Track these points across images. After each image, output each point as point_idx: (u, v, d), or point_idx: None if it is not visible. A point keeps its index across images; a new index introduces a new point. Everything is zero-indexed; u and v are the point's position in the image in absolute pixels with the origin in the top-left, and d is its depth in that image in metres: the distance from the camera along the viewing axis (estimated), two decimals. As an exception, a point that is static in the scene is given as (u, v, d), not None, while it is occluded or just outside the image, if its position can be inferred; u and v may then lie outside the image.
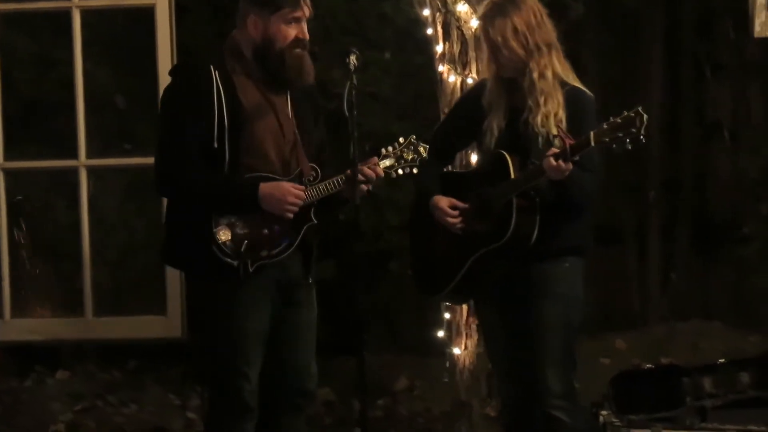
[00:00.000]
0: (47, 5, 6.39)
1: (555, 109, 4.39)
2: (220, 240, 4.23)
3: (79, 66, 6.17)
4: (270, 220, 4.28)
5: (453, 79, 5.48)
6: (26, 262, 6.97)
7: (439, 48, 5.53)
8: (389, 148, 4.40)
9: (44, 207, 7.17)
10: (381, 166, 4.36)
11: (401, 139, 4.41)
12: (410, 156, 4.40)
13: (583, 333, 4.72)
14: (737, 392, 5.34)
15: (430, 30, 5.58)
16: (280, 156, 4.35)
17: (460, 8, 5.41)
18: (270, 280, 4.31)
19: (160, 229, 4.51)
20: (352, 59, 4.25)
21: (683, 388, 5.35)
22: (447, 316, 5.51)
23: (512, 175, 4.37)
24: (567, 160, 4.22)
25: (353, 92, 4.22)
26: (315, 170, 4.35)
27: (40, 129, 7.00)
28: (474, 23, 5.30)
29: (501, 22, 4.42)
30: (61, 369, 6.97)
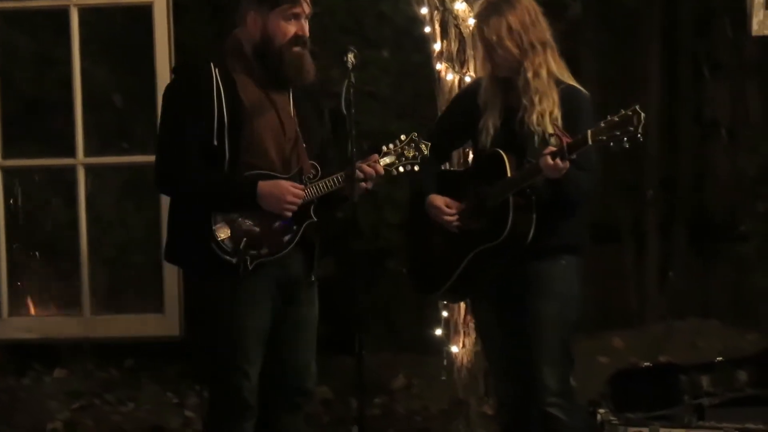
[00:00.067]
0: (45, 3, 6.37)
1: (550, 108, 4.39)
2: (219, 238, 4.22)
3: (77, 64, 6.16)
4: (269, 218, 4.27)
5: (451, 78, 5.47)
6: (24, 260, 6.98)
7: (437, 46, 5.52)
8: (390, 146, 4.38)
9: (42, 205, 7.16)
10: (381, 164, 4.35)
11: (402, 137, 4.39)
12: (411, 153, 4.38)
13: (581, 331, 4.72)
14: (735, 390, 5.34)
15: (428, 28, 5.57)
16: (281, 154, 4.34)
17: (458, 6, 5.41)
18: (270, 278, 4.30)
19: (158, 228, 4.52)
20: (350, 58, 4.25)
21: (681, 387, 5.35)
22: (445, 315, 5.51)
23: (509, 174, 4.37)
24: (564, 159, 4.22)
25: (351, 91, 4.22)
26: (315, 168, 4.35)
27: (38, 127, 6.98)
28: (472, 21, 5.30)
29: (496, 21, 4.42)
30: (59, 367, 6.96)
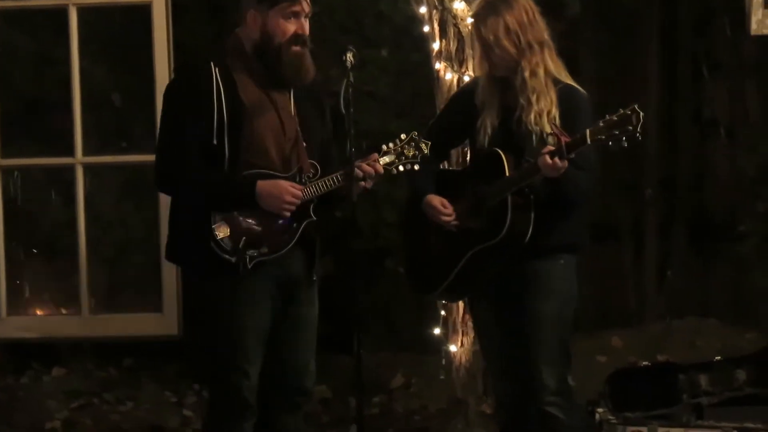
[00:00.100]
0: (44, 3, 6.38)
1: (548, 107, 4.39)
2: (219, 237, 4.22)
3: (76, 63, 6.16)
4: (269, 217, 4.26)
5: (450, 77, 5.47)
6: (23, 259, 6.98)
7: (436, 45, 5.52)
8: (390, 145, 4.36)
9: (41, 204, 7.16)
10: (381, 163, 4.34)
11: (403, 136, 4.37)
12: (411, 152, 4.36)
13: (580, 331, 4.73)
14: (733, 390, 5.34)
15: (427, 27, 5.57)
16: (281, 153, 4.33)
17: (457, 5, 5.41)
18: (270, 278, 4.30)
19: (157, 227, 4.52)
20: (349, 57, 4.24)
21: (679, 386, 5.36)
22: (443, 314, 5.52)
23: (507, 173, 4.37)
24: (563, 158, 4.21)
25: (350, 90, 4.22)
26: (314, 167, 4.35)
27: (37, 126, 6.99)
28: (470, 20, 5.29)
29: (493, 21, 4.42)
30: (58, 366, 6.96)
